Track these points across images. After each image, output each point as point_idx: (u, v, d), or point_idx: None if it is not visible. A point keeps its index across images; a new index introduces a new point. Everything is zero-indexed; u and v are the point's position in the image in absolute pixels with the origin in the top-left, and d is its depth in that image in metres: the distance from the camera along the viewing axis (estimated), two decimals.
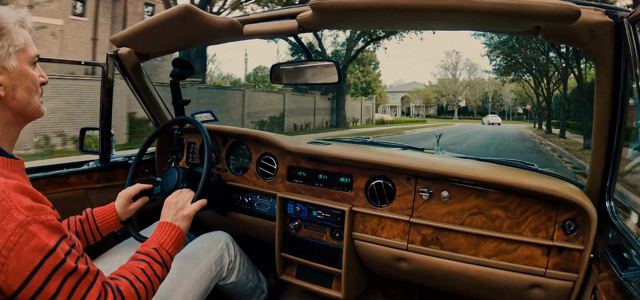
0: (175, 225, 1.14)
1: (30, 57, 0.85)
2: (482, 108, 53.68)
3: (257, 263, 1.76)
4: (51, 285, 0.73)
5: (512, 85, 45.03)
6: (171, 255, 1.08)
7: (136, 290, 0.91)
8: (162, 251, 1.05)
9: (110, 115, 1.82)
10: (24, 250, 0.70)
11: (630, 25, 0.89)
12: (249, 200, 1.76)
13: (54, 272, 0.73)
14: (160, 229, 1.12)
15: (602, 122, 1.06)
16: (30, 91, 0.85)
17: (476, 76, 54.98)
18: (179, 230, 1.13)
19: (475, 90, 54.98)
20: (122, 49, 1.67)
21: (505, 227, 1.31)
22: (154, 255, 1.02)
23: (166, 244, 1.08)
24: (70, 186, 1.66)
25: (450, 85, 54.30)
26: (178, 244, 1.12)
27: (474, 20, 0.97)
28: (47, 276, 0.72)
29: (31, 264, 0.71)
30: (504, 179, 1.28)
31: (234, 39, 1.42)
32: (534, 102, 33.31)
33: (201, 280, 1.35)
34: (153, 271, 0.98)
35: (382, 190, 1.49)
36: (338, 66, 1.38)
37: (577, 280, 1.21)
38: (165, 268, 1.04)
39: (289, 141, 1.66)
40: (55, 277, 0.73)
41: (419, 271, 1.46)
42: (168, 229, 1.12)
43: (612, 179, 1.14)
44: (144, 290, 0.93)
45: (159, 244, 1.06)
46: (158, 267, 1.01)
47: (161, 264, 1.02)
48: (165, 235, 1.10)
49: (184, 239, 1.15)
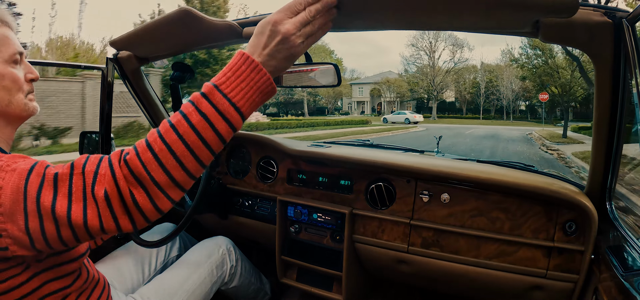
0: (257, 63, 0.69)
1: (8, 55, 0.83)
2: (474, 103, 40.84)
3: (258, 266, 1.76)
4: (45, 199, 0.66)
5: (515, 70, 33.58)
6: (236, 105, 0.67)
7: (154, 153, 0.65)
8: (214, 95, 0.66)
9: (110, 119, 1.82)
10: (9, 187, 0.67)
11: (629, 26, 0.89)
12: (249, 203, 1.76)
13: (41, 187, 0.67)
14: (235, 65, 0.69)
15: (602, 123, 1.06)
16: (9, 90, 0.83)
17: (466, 62, 41.48)
18: (262, 73, 0.69)
19: (464, 79, 41.34)
20: (121, 53, 1.67)
21: (505, 229, 1.31)
22: (196, 101, 0.66)
23: (227, 86, 0.67)
24: None
25: (429, 73, 40.86)
26: (257, 92, 0.69)
27: (470, 16, 0.97)
28: (36, 193, 0.67)
29: (19, 192, 0.67)
30: (505, 180, 1.28)
31: (234, 42, 1.42)
32: (560, 91, 22.96)
33: (202, 285, 1.34)
34: (189, 124, 0.65)
35: (383, 192, 1.49)
36: (337, 68, 1.38)
37: (578, 282, 1.20)
38: (218, 120, 0.66)
39: (289, 144, 1.66)
40: (45, 190, 0.67)
41: (420, 273, 1.45)
42: (240, 66, 0.68)
43: (613, 180, 1.14)
44: (167, 153, 0.65)
45: (212, 86, 0.67)
46: (200, 120, 0.65)
47: (205, 115, 0.65)
48: (230, 75, 0.68)
49: (269, 86, 0.71)
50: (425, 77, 40.98)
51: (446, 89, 41.92)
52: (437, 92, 40.42)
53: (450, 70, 41.28)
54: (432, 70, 40.96)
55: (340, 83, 1.38)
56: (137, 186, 0.65)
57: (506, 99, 37.98)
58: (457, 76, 41.41)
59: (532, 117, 37.06)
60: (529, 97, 36.74)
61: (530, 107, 38.50)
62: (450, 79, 41.33)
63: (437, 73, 40.97)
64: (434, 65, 41.52)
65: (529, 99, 37.34)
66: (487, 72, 40.03)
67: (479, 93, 39.84)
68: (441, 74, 40.95)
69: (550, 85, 24.53)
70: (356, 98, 42.63)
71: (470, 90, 40.77)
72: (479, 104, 39.50)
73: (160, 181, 0.65)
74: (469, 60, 42.09)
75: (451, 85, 41.68)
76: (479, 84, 40.18)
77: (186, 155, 0.65)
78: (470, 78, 41.53)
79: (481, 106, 39.41)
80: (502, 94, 38.30)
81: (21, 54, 0.86)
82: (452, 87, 41.93)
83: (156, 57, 1.68)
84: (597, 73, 1.00)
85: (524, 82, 33.88)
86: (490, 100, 39.67)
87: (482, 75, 40.47)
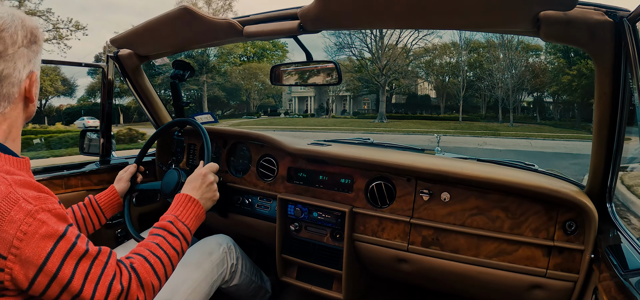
0: (196, 200, 1.07)
1: (38, 66, 0.88)
2: (456, 98, 25.49)
3: (258, 264, 1.76)
4: (66, 269, 0.73)
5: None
6: (189, 228, 1.02)
7: (151, 264, 0.88)
8: (177, 223, 0.99)
9: (111, 116, 1.83)
10: (35, 238, 0.70)
11: (630, 25, 0.88)
12: (250, 201, 1.76)
13: (67, 256, 0.73)
14: (178, 202, 1.06)
15: (602, 123, 1.06)
16: (37, 94, 0.88)
17: (435, 38, 25.06)
18: (200, 207, 1.08)
19: (439, 65, 26.15)
20: (122, 51, 1.68)
21: (505, 228, 1.31)
22: (169, 228, 0.97)
23: (183, 216, 1.02)
24: (70, 188, 1.66)
25: (375, 53, 26.26)
26: (198, 219, 1.06)
27: (471, 14, 0.97)
28: (61, 260, 0.73)
29: (44, 250, 0.71)
30: (505, 179, 1.28)
31: (234, 40, 1.42)
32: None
33: (203, 284, 1.35)
34: (169, 244, 0.94)
35: (383, 191, 1.49)
36: (338, 66, 1.38)
37: (578, 281, 1.21)
38: (183, 241, 0.98)
39: (290, 142, 1.66)
40: (68, 260, 0.73)
41: (420, 272, 1.46)
42: (187, 203, 1.06)
43: (613, 179, 1.14)
44: (159, 264, 0.89)
45: (174, 216, 1.00)
46: (174, 240, 0.96)
47: (177, 236, 0.97)
48: (183, 209, 1.04)
49: (204, 215, 1.09)
50: (377, 61, 26.24)
51: (407, 77, 27.20)
52: (386, 81, 25.78)
53: (410, 49, 26.09)
54: (379, 49, 25.97)
55: (340, 81, 1.38)
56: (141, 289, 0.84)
57: (504, 89, 23.64)
58: (431, 60, 26.37)
59: (542, 117, 24.71)
60: (539, 88, 24.29)
61: (538, 102, 25.43)
62: (417, 63, 26.97)
63: (388, 54, 25.77)
64: (380, 42, 25.81)
65: (539, 90, 24.64)
66: (472, 51, 25.31)
67: (463, 85, 25.27)
68: (400, 57, 26.03)
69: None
70: (298, 93, 30.45)
71: (451, 81, 26.22)
72: (460, 97, 25.16)
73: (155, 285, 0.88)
74: (444, 36, 25.92)
75: (410, 72, 27.17)
76: (459, 67, 25.63)
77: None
78: (450, 62, 26.22)
79: (461, 98, 25.17)
80: (496, 81, 23.96)
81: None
82: (412, 74, 27.37)
83: (157, 55, 1.68)
84: (597, 72, 1.00)
85: (538, 57, 22.93)
86: (479, 92, 25.30)
87: (464, 57, 25.43)
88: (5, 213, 0.69)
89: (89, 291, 0.75)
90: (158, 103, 1.93)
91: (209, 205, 1.13)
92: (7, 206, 0.70)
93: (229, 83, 28.49)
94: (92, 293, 0.75)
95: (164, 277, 0.90)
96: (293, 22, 1.20)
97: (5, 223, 0.69)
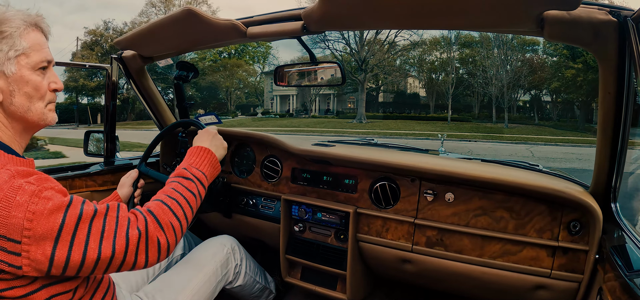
0: (207, 149, 1.11)
1: (34, 63, 0.82)
2: (447, 96, 23.80)
3: (262, 265, 1.77)
4: (81, 234, 0.74)
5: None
6: (204, 173, 1.04)
7: (168, 206, 0.88)
8: (191, 169, 1.02)
9: (115, 117, 1.84)
10: (44, 215, 0.71)
11: (634, 24, 0.88)
12: (254, 202, 1.77)
13: (79, 220, 0.75)
14: (190, 153, 1.09)
15: (607, 122, 1.06)
16: (31, 97, 0.83)
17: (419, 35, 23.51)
18: (212, 154, 1.11)
19: (429, 61, 24.83)
20: (126, 52, 1.69)
21: (510, 228, 1.31)
22: (183, 174, 0.99)
23: (196, 163, 1.05)
24: (74, 189, 1.67)
25: (354, 48, 24.43)
26: (211, 166, 1.09)
27: (474, 14, 0.97)
28: (74, 227, 0.74)
29: (56, 223, 0.72)
30: (509, 179, 1.28)
31: (238, 41, 1.43)
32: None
33: (207, 284, 1.35)
34: (184, 187, 0.95)
35: (387, 191, 1.49)
36: (342, 67, 1.39)
37: (583, 281, 1.20)
38: (198, 184, 1.00)
39: (294, 143, 1.66)
40: (81, 225, 0.75)
41: (424, 273, 1.45)
42: (199, 152, 1.09)
43: (617, 180, 1.14)
44: (176, 205, 0.90)
45: (188, 164, 1.03)
46: (189, 183, 0.97)
47: (192, 179, 0.99)
48: (196, 157, 1.07)
49: (217, 164, 1.13)
50: (354, 54, 24.55)
51: (391, 73, 25.40)
52: (366, 77, 24.07)
53: (393, 42, 24.32)
54: (356, 42, 24.26)
55: (345, 81, 1.38)
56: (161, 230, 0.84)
57: (498, 86, 22.24)
58: (419, 55, 24.89)
59: (540, 117, 23.56)
60: (537, 85, 22.82)
61: (536, 101, 24.23)
62: (404, 58, 25.31)
63: (368, 49, 24.16)
64: (358, 35, 23.68)
65: (538, 88, 23.19)
66: (464, 45, 24.01)
67: (452, 81, 23.81)
68: (381, 50, 24.41)
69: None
70: (280, 92, 28.52)
71: (443, 78, 24.72)
72: (449, 95, 23.68)
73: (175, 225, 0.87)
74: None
75: (394, 69, 25.35)
76: (449, 63, 24.27)
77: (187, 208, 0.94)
78: (440, 57, 24.73)
79: (450, 96, 23.63)
80: (490, 78, 22.59)
81: (49, 62, 0.86)
82: (397, 71, 25.60)
83: (160, 57, 1.69)
84: (601, 72, 0.99)
85: (536, 53, 21.51)
86: (471, 89, 24.30)
87: (454, 49, 24.07)
88: (11, 199, 0.70)
89: (108, 248, 0.76)
90: (162, 104, 1.93)
91: (221, 153, 1.17)
92: (11, 193, 0.71)
93: (204, 81, 26.97)
94: (111, 249, 0.76)
95: (183, 218, 0.90)
96: (296, 23, 1.20)
97: (13, 208, 0.70)
